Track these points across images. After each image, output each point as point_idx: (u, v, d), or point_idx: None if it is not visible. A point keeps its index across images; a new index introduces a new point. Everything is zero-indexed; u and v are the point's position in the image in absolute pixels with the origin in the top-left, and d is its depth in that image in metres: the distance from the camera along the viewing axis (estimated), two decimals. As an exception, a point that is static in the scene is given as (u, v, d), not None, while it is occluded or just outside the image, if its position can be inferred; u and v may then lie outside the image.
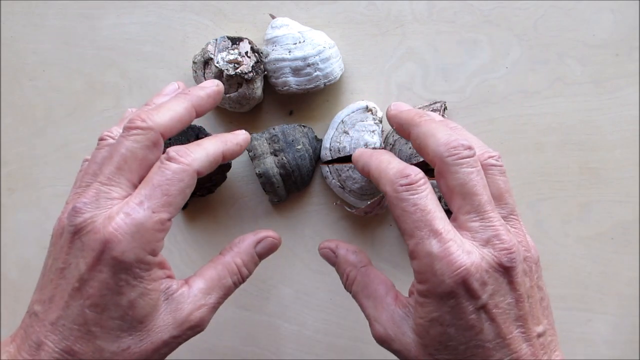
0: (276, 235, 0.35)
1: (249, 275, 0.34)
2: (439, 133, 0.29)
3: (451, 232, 0.27)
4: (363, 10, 0.44)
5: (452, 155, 0.28)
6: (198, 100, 0.33)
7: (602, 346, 0.45)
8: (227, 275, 0.32)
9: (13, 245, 0.48)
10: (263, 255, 0.34)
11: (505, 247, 0.27)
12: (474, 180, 0.28)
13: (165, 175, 0.28)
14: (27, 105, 0.47)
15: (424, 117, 0.31)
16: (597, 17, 0.43)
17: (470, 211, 0.28)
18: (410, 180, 0.28)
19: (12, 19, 0.47)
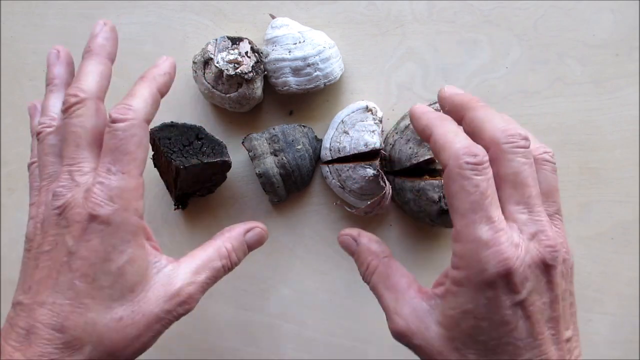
0: (264, 227, 0.35)
1: (238, 263, 0.34)
2: (496, 119, 0.29)
3: (503, 222, 0.26)
4: (363, 10, 0.44)
5: (509, 142, 0.28)
6: (108, 53, 0.34)
7: (602, 346, 0.45)
8: (217, 258, 0.33)
9: (13, 245, 0.48)
10: (252, 245, 0.35)
11: (550, 244, 0.27)
12: (527, 172, 0.27)
13: (117, 136, 0.29)
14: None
15: (481, 102, 0.30)
16: (597, 17, 0.43)
17: (520, 202, 0.27)
18: (477, 160, 0.26)
19: (12, 19, 0.47)
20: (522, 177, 0.27)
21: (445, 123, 0.29)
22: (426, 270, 0.46)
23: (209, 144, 0.41)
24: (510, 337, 0.26)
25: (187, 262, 0.32)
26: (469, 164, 0.26)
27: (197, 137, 0.41)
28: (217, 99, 0.43)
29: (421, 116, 0.31)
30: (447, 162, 0.27)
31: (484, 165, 0.27)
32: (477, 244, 0.26)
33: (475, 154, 0.27)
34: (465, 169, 0.26)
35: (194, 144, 0.41)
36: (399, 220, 0.46)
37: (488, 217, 0.26)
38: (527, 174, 0.28)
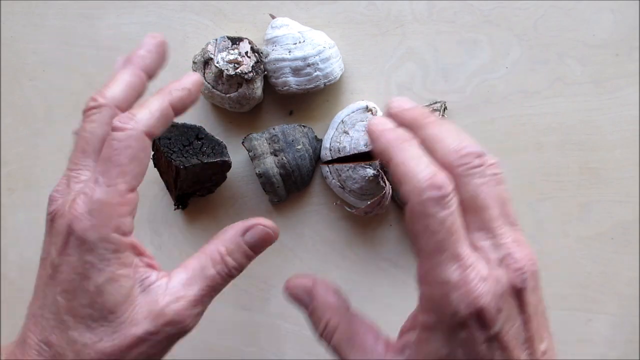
0: (270, 224, 0.30)
1: (239, 267, 0.30)
2: (448, 138, 0.26)
3: (472, 256, 0.24)
4: (363, 10, 0.44)
5: (462, 164, 0.26)
6: (145, 65, 0.32)
7: (602, 346, 0.45)
8: (210, 265, 0.29)
9: (13, 245, 0.48)
10: (254, 245, 0.30)
11: (518, 267, 0.25)
12: (484, 193, 0.25)
13: (112, 146, 0.27)
14: (27, 105, 0.47)
15: (430, 118, 0.28)
16: (597, 17, 0.43)
17: (482, 228, 0.25)
18: (442, 193, 0.24)
19: (12, 19, 0.47)
20: (480, 200, 0.25)
21: (406, 147, 0.26)
22: (426, 270, 0.46)
23: (209, 144, 0.41)
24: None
25: (178, 275, 0.29)
26: (433, 199, 0.24)
27: (197, 137, 0.41)
28: (217, 99, 0.43)
29: (379, 137, 0.27)
30: (409, 198, 0.24)
31: (449, 197, 0.24)
32: (446, 286, 0.24)
33: (440, 185, 0.24)
34: (429, 206, 0.24)
35: (194, 144, 0.41)
36: (399, 220, 0.46)
37: (455, 255, 0.24)
38: (484, 195, 0.25)
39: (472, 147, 0.26)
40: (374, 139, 0.27)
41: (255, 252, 0.31)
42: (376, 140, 0.27)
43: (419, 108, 0.28)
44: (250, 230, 0.30)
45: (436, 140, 0.26)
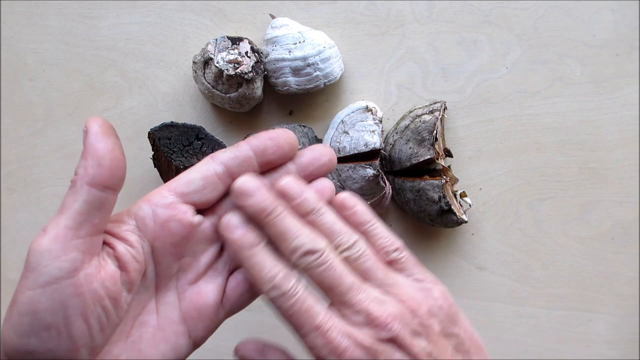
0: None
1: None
2: (286, 239, 0.30)
3: (329, 321, 0.28)
4: (363, 10, 0.44)
5: (300, 264, 0.29)
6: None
7: (602, 346, 0.45)
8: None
9: (13, 245, 0.48)
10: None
11: (380, 322, 0.29)
12: (328, 277, 0.29)
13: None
14: (27, 105, 0.47)
15: (272, 214, 0.30)
16: (597, 17, 0.43)
17: (337, 302, 0.29)
18: (283, 290, 0.28)
19: (12, 19, 0.47)
20: (326, 284, 0.29)
21: (249, 255, 0.30)
22: (426, 270, 0.46)
23: (209, 144, 0.41)
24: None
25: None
26: (277, 296, 0.29)
27: (197, 137, 0.41)
28: (217, 99, 0.43)
29: (228, 244, 0.30)
30: (265, 296, 0.29)
31: (290, 291, 0.28)
32: (316, 350, 0.28)
33: (279, 285, 0.28)
34: (276, 301, 0.29)
35: (194, 144, 0.41)
36: (399, 220, 0.46)
37: (313, 326, 0.28)
38: (329, 278, 0.29)
39: (307, 246, 0.29)
40: (226, 243, 0.30)
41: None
42: (227, 245, 0.30)
43: (259, 200, 0.30)
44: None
45: (278, 240, 0.30)
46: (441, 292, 0.31)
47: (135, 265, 0.29)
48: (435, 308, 0.31)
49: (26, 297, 0.26)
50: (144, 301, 0.30)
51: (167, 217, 0.30)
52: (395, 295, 0.30)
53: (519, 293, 0.45)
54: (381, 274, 0.31)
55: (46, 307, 0.25)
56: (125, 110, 0.46)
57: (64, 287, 0.26)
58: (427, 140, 0.42)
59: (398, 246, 0.32)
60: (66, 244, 0.26)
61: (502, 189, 0.45)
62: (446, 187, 0.42)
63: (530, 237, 0.45)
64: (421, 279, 0.32)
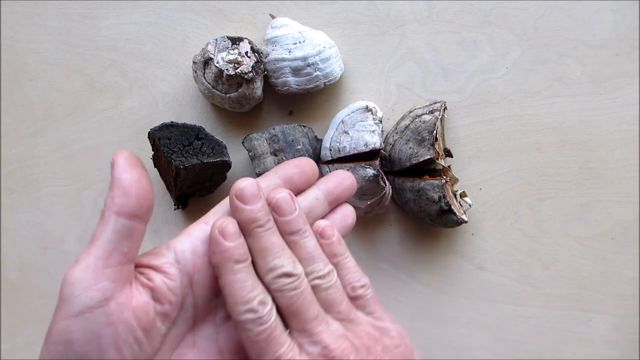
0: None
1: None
2: (267, 256, 0.30)
3: (289, 352, 0.29)
4: (363, 10, 0.44)
5: (274, 283, 0.30)
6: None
7: (602, 346, 0.45)
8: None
9: (13, 245, 0.48)
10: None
11: (335, 355, 0.29)
12: (297, 302, 0.30)
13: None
14: (27, 105, 0.47)
15: (262, 227, 0.31)
16: (597, 17, 0.43)
17: (298, 329, 0.30)
18: (257, 315, 0.29)
19: (12, 19, 0.47)
20: (293, 308, 0.30)
21: (234, 270, 0.30)
22: (426, 270, 0.46)
23: (209, 144, 0.41)
24: None
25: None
26: (250, 320, 0.29)
27: (197, 137, 0.41)
28: (217, 99, 0.43)
29: (213, 252, 0.30)
30: (232, 315, 0.29)
31: (264, 317, 0.29)
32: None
33: (255, 309, 0.29)
34: (247, 324, 0.29)
35: (194, 144, 0.41)
36: (399, 220, 0.46)
37: (276, 357, 0.29)
38: (298, 304, 0.30)
39: (285, 269, 0.30)
40: (211, 250, 0.30)
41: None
42: (212, 253, 0.30)
43: (253, 209, 0.31)
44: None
45: (259, 255, 0.30)
46: (398, 332, 0.32)
47: (171, 297, 0.29)
48: (391, 346, 0.31)
49: (60, 327, 0.26)
50: (182, 334, 0.30)
51: (206, 250, 0.30)
52: (354, 331, 0.31)
53: (519, 293, 0.45)
54: (344, 307, 0.31)
55: (79, 337, 0.26)
56: (125, 110, 0.46)
57: (96, 316, 0.26)
58: (427, 140, 0.42)
59: (364, 283, 0.33)
60: (97, 273, 0.26)
61: (502, 189, 0.45)
62: (446, 187, 0.42)
63: (530, 237, 0.45)
64: (381, 317, 0.32)
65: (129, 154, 0.28)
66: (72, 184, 0.47)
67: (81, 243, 0.47)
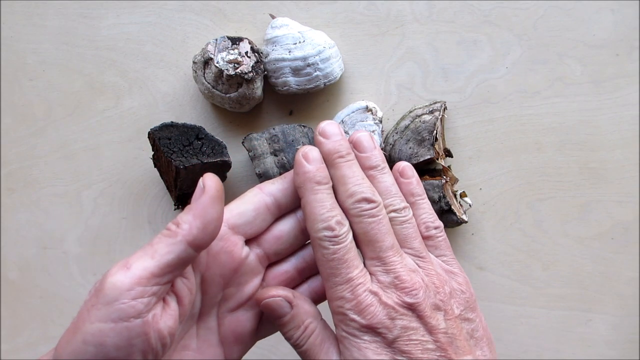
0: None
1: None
2: (348, 183, 0.31)
3: (361, 277, 0.30)
4: (363, 10, 0.44)
5: (354, 208, 0.31)
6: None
7: (602, 346, 0.45)
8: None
9: (13, 245, 0.48)
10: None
11: (406, 286, 0.30)
12: (374, 229, 0.31)
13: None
14: (27, 105, 0.47)
15: (343, 158, 0.32)
16: (597, 17, 0.43)
17: (373, 257, 0.31)
18: (334, 234, 0.30)
19: (12, 19, 0.47)
20: (370, 235, 0.31)
21: (315, 190, 0.31)
22: (426, 270, 0.46)
23: (209, 144, 0.41)
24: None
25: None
26: (327, 237, 0.30)
27: (197, 137, 0.41)
28: (217, 99, 0.43)
29: (297, 173, 0.32)
30: (310, 233, 0.31)
31: (340, 237, 0.30)
32: (342, 301, 0.30)
33: (332, 228, 0.30)
34: (323, 241, 0.30)
35: (194, 144, 0.41)
36: (399, 220, 0.46)
37: (347, 278, 0.30)
38: (375, 231, 0.31)
39: (365, 194, 0.31)
40: (295, 172, 0.32)
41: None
42: (295, 175, 0.32)
43: (336, 142, 0.32)
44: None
45: (339, 182, 0.32)
46: (465, 280, 0.33)
47: (190, 297, 0.29)
48: (458, 291, 0.32)
49: (95, 329, 0.26)
50: (188, 327, 0.31)
51: (219, 249, 0.31)
52: (425, 268, 0.32)
53: (519, 293, 0.45)
54: (417, 244, 0.32)
55: (113, 342, 0.26)
56: (125, 110, 0.46)
57: (133, 325, 0.26)
58: (427, 140, 0.42)
59: (438, 225, 0.34)
60: (146, 288, 0.26)
61: (502, 189, 0.45)
62: (446, 187, 0.42)
63: (530, 237, 0.45)
64: (451, 262, 0.33)
65: (219, 184, 0.29)
66: (72, 184, 0.47)
67: (81, 243, 0.47)
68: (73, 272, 0.48)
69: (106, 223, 0.47)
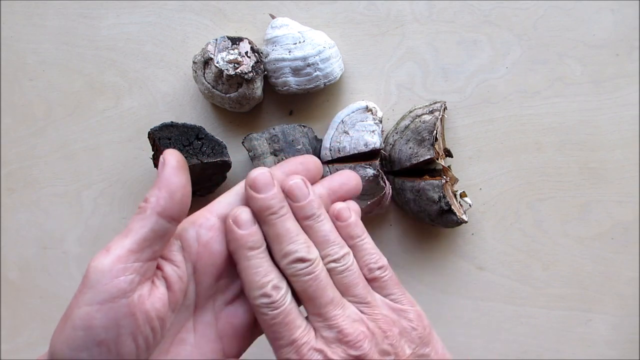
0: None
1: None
2: (282, 242, 0.31)
3: (305, 336, 0.30)
4: (363, 10, 0.44)
5: (289, 268, 0.30)
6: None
7: (602, 346, 0.45)
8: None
9: (13, 245, 0.48)
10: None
11: (349, 340, 0.29)
12: (312, 287, 0.30)
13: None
14: (27, 105, 0.47)
15: (275, 214, 0.31)
16: (597, 17, 0.43)
17: (314, 313, 0.30)
18: (271, 300, 0.30)
19: (12, 19, 0.47)
20: (309, 293, 0.30)
21: (248, 256, 0.30)
22: (426, 270, 0.46)
23: (209, 144, 0.41)
24: None
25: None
26: (264, 304, 0.30)
27: (197, 137, 0.41)
28: (217, 99, 0.43)
29: (229, 239, 0.31)
30: (249, 299, 0.31)
31: (278, 302, 0.30)
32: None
33: (269, 294, 0.30)
34: (262, 307, 0.30)
35: (194, 144, 0.41)
36: (399, 220, 0.46)
37: (290, 340, 0.29)
38: (313, 288, 0.30)
39: (298, 254, 0.30)
40: (227, 238, 0.31)
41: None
42: (228, 241, 0.31)
43: (267, 197, 0.31)
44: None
45: (273, 241, 0.31)
46: (416, 314, 0.32)
47: (180, 285, 0.30)
48: (409, 329, 0.32)
49: (82, 312, 0.26)
50: (183, 320, 0.31)
51: (209, 238, 0.31)
52: (370, 314, 0.31)
53: (519, 293, 0.45)
54: (360, 291, 0.32)
55: (100, 324, 0.26)
56: (125, 110, 0.46)
57: (119, 306, 0.26)
58: (427, 140, 0.42)
59: (382, 264, 0.33)
60: (127, 265, 0.27)
61: (502, 189, 0.45)
62: (446, 187, 0.42)
63: (530, 237, 0.45)
64: (399, 299, 0.33)
65: (179, 156, 0.29)
66: (72, 184, 0.47)
67: (81, 243, 0.47)
68: (73, 272, 0.48)
69: (106, 223, 0.47)
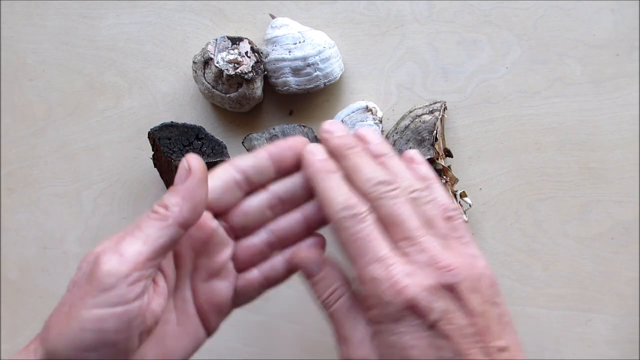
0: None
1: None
2: (363, 170, 0.30)
3: (394, 257, 0.28)
4: (363, 10, 0.44)
5: (374, 192, 0.30)
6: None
7: (602, 346, 0.45)
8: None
9: (13, 245, 0.48)
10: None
11: (443, 265, 0.28)
12: (398, 210, 0.29)
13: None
14: (27, 105, 0.47)
15: (352, 149, 0.31)
16: (597, 17, 0.43)
17: (403, 238, 0.29)
18: (354, 212, 0.29)
19: (12, 19, 0.47)
20: (395, 217, 0.29)
21: (327, 177, 0.30)
22: (426, 270, 0.46)
23: (209, 144, 0.41)
24: (440, 358, 0.27)
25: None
26: (347, 216, 0.29)
27: (197, 137, 0.41)
28: (217, 99, 0.43)
29: (308, 166, 0.31)
30: (329, 218, 0.30)
31: (361, 215, 0.29)
32: (374, 282, 0.28)
33: (352, 206, 0.29)
34: (345, 222, 0.29)
35: (194, 144, 0.41)
36: (399, 220, 0.46)
37: (377, 257, 0.28)
38: (399, 212, 0.29)
39: (382, 177, 0.30)
40: (304, 166, 0.31)
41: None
42: (305, 168, 0.31)
43: (343, 137, 0.32)
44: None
45: (353, 171, 0.31)
46: (486, 263, 0.31)
47: (172, 273, 0.30)
48: (485, 275, 0.30)
49: (93, 315, 0.26)
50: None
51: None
52: (453, 250, 0.30)
53: (519, 293, 0.45)
54: (443, 225, 0.30)
55: (113, 327, 0.26)
56: (125, 110, 0.46)
57: (132, 308, 0.26)
58: (427, 140, 0.42)
59: (456, 207, 0.32)
60: (142, 271, 0.27)
61: (502, 189, 0.45)
62: (446, 187, 0.42)
63: (530, 237, 0.45)
64: (470, 244, 0.31)
65: (203, 166, 0.29)
66: (72, 184, 0.47)
67: (81, 243, 0.47)
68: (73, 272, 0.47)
69: (106, 223, 0.47)
